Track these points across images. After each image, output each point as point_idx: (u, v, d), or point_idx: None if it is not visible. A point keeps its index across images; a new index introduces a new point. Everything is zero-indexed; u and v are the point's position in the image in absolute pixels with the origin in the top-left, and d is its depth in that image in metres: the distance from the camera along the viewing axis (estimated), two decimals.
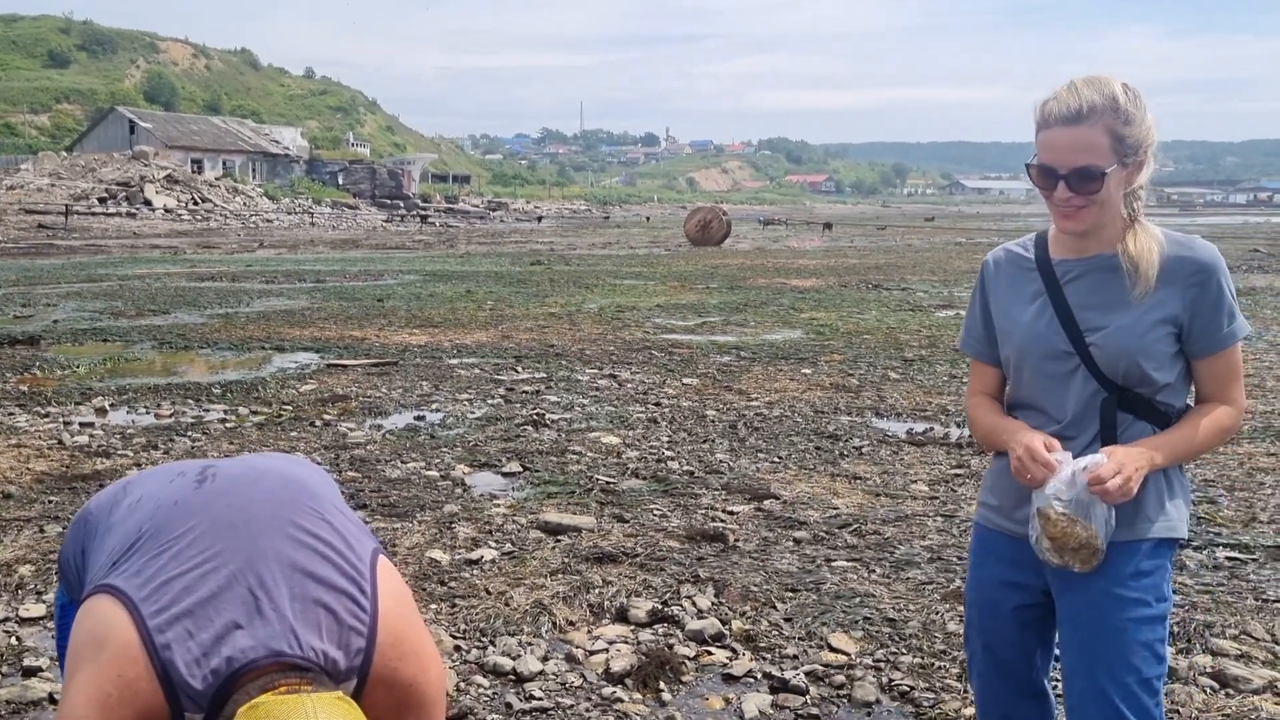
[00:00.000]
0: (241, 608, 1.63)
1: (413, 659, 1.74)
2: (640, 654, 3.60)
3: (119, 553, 1.73)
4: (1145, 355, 1.99)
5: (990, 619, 2.19)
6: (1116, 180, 1.98)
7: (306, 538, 1.75)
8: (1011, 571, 2.15)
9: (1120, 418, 2.03)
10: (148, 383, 8.89)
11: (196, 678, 1.58)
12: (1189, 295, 1.99)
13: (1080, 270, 2.06)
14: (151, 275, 19.96)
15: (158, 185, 50.70)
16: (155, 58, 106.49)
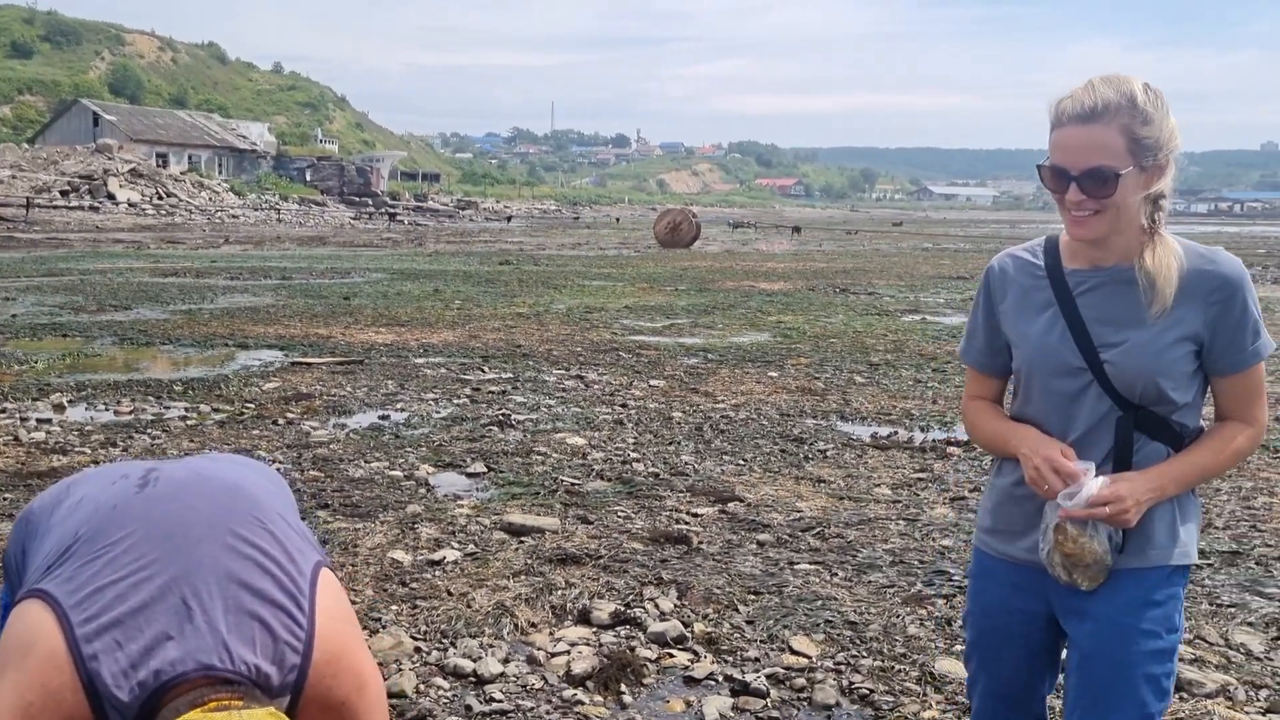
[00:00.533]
0: (173, 618, 1.58)
1: (349, 677, 1.70)
2: (602, 656, 3.59)
3: (54, 556, 1.70)
4: (1164, 374, 1.89)
5: (992, 644, 2.12)
6: (1133, 184, 1.86)
7: (246, 548, 1.70)
8: (1015, 597, 2.06)
9: (1136, 438, 1.93)
10: (108, 379, 8.77)
11: (123, 689, 1.53)
12: (1211, 313, 1.89)
13: (1095, 282, 1.95)
14: (114, 270, 19.70)
15: (121, 179, 50.06)
16: (120, 50, 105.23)
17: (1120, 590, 1.91)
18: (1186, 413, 1.94)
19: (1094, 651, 1.94)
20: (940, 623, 3.91)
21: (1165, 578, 1.93)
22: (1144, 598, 1.92)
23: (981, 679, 2.17)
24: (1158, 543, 1.93)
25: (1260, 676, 3.48)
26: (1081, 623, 1.96)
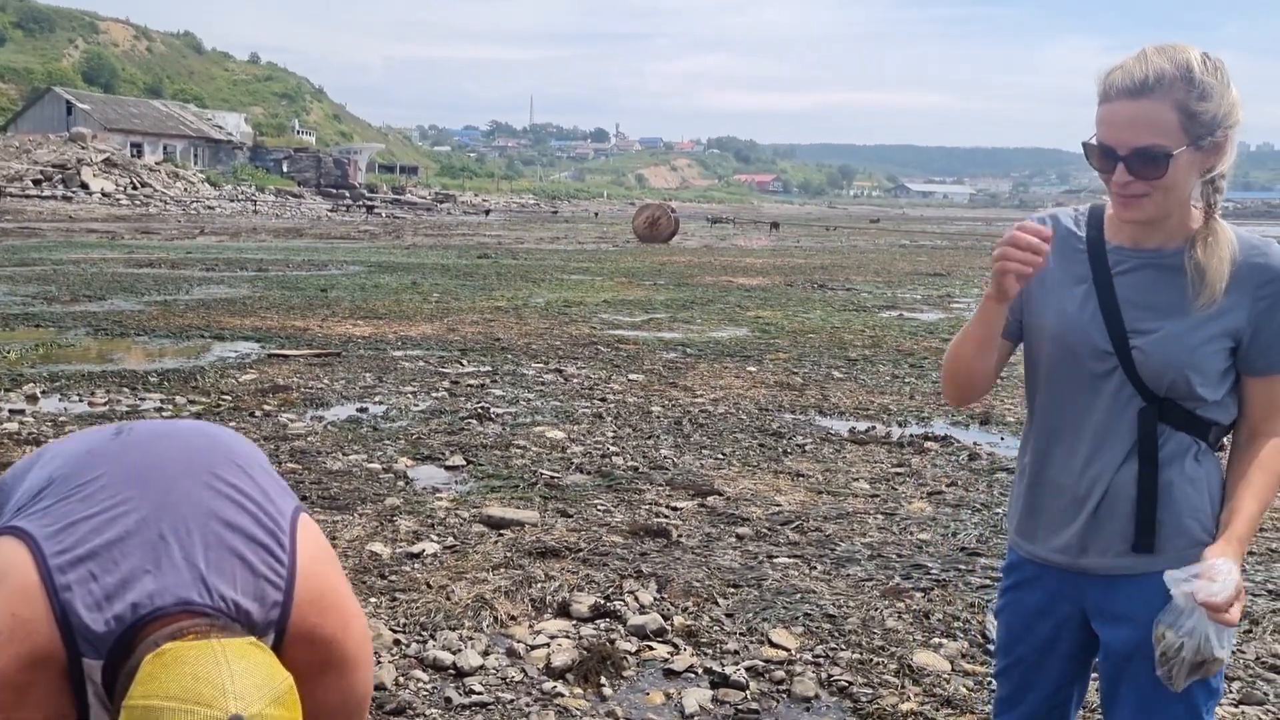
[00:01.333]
0: (150, 553, 1.56)
1: (334, 614, 1.68)
2: (581, 649, 3.60)
3: (27, 498, 1.67)
4: (1195, 369, 1.76)
5: (1021, 646, 2.01)
6: (1186, 164, 1.70)
7: (224, 487, 1.68)
8: (1046, 599, 1.96)
9: (1159, 429, 1.81)
10: (81, 370, 8.69)
11: (98, 622, 1.50)
12: (1258, 308, 1.75)
13: (1136, 263, 1.81)
14: (87, 260, 19.50)
15: (95, 169, 49.53)
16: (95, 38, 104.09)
17: (1157, 593, 1.77)
18: (1214, 409, 1.81)
19: (1136, 655, 1.84)
20: (918, 616, 3.93)
21: None
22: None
23: (1006, 674, 2.06)
24: (1195, 541, 1.81)
25: (1233, 669, 3.52)
26: (1118, 627, 1.86)
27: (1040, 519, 1.94)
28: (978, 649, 3.65)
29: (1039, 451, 1.95)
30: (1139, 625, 1.83)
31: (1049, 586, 1.95)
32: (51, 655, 1.50)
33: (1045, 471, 1.94)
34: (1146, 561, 1.84)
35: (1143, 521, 1.82)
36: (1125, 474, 1.84)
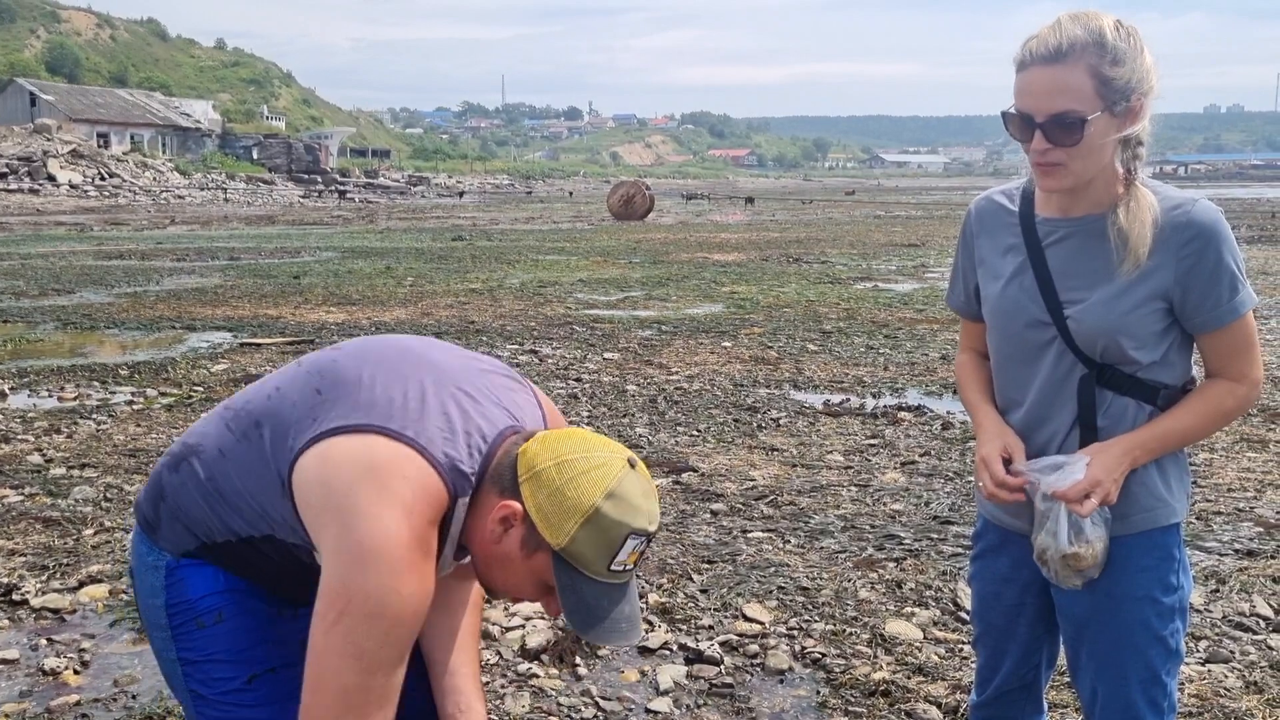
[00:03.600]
0: (463, 402, 1.66)
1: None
2: (556, 629, 3.60)
3: (304, 419, 1.63)
4: (1125, 334, 1.77)
5: (991, 611, 2.05)
6: (1102, 129, 1.71)
7: (464, 356, 1.81)
8: (1009, 565, 1.99)
9: (1100, 395, 1.82)
10: (51, 364, 8.60)
11: (467, 460, 1.59)
12: (1182, 267, 1.75)
13: (1065, 232, 1.83)
14: (56, 253, 19.27)
15: (62, 160, 48.91)
16: (57, 27, 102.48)
17: (1110, 557, 1.83)
18: (1158, 370, 1.82)
19: (1091, 620, 1.89)
20: (891, 585, 3.96)
21: (1151, 540, 1.85)
22: (1135, 563, 1.84)
23: (980, 639, 2.11)
24: (1141, 506, 1.84)
25: (1200, 628, 3.56)
26: (1076, 594, 1.88)
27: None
28: (949, 617, 3.68)
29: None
30: (1096, 592, 1.86)
31: (1013, 552, 1.98)
32: (443, 505, 1.58)
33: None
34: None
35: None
36: (1070, 442, 1.86)
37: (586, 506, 1.53)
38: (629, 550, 1.55)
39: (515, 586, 1.65)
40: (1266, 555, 4.23)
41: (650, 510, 1.58)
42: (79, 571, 4.12)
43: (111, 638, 3.61)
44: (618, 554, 1.54)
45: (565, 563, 1.56)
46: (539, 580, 1.61)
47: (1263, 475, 5.33)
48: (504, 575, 1.64)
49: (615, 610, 1.59)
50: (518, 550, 1.59)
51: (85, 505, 4.92)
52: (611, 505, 1.53)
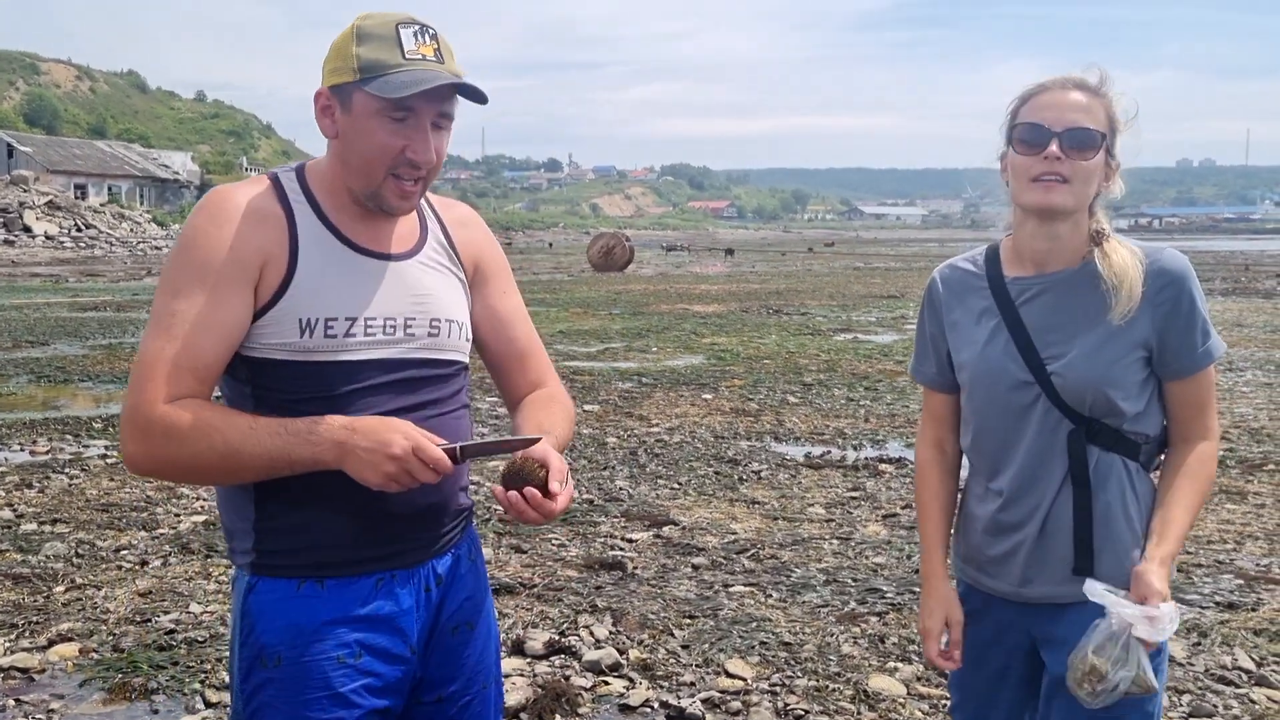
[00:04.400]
0: None
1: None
2: (536, 686, 3.55)
3: None
4: (1112, 384, 1.78)
5: (972, 677, 2.00)
6: (1100, 166, 1.78)
7: None
8: (994, 630, 1.96)
9: (1088, 451, 1.81)
10: (23, 418, 8.49)
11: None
12: (1159, 313, 1.77)
13: (1039, 288, 1.84)
14: (30, 305, 19.13)
15: (38, 211, 48.73)
16: (36, 79, 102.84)
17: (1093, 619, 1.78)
18: (1141, 421, 1.83)
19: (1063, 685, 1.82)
20: (874, 640, 3.93)
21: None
22: None
23: (960, 706, 2.06)
24: (1110, 569, 1.80)
25: (1183, 682, 3.55)
26: (1059, 651, 1.84)
27: (984, 553, 1.94)
28: (933, 672, 3.65)
29: (977, 485, 1.96)
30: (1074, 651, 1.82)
31: (997, 617, 1.95)
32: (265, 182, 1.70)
33: (985, 505, 1.94)
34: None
35: (1080, 544, 1.82)
36: (1062, 500, 1.84)
37: (349, 31, 1.63)
38: (411, 39, 1.61)
39: (375, 149, 1.62)
40: (1247, 608, 4.24)
41: (413, 14, 1.65)
42: (49, 630, 4.03)
43: (81, 698, 3.52)
44: (402, 44, 1.60)
45: (372, 77, 1.59)
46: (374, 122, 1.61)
47: (1242, 527, 5.36)
48: (360, 152, 1.63)
49: (433, 74, 1.60)
50: (345, 117, 1.63)
51: (56, 561, 4.84)
52: (369, 20, 1.63)
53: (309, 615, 1.63)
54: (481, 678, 1.82)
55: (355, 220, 1.68)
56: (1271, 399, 9.27)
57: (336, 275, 1.64)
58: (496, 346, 1.84)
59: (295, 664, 1.62)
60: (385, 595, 1.67)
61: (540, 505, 1.55)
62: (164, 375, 1.55)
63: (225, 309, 1.58)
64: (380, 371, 1.64)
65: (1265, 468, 6.64)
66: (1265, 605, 4.26)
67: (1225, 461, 6.79)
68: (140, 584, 4.56)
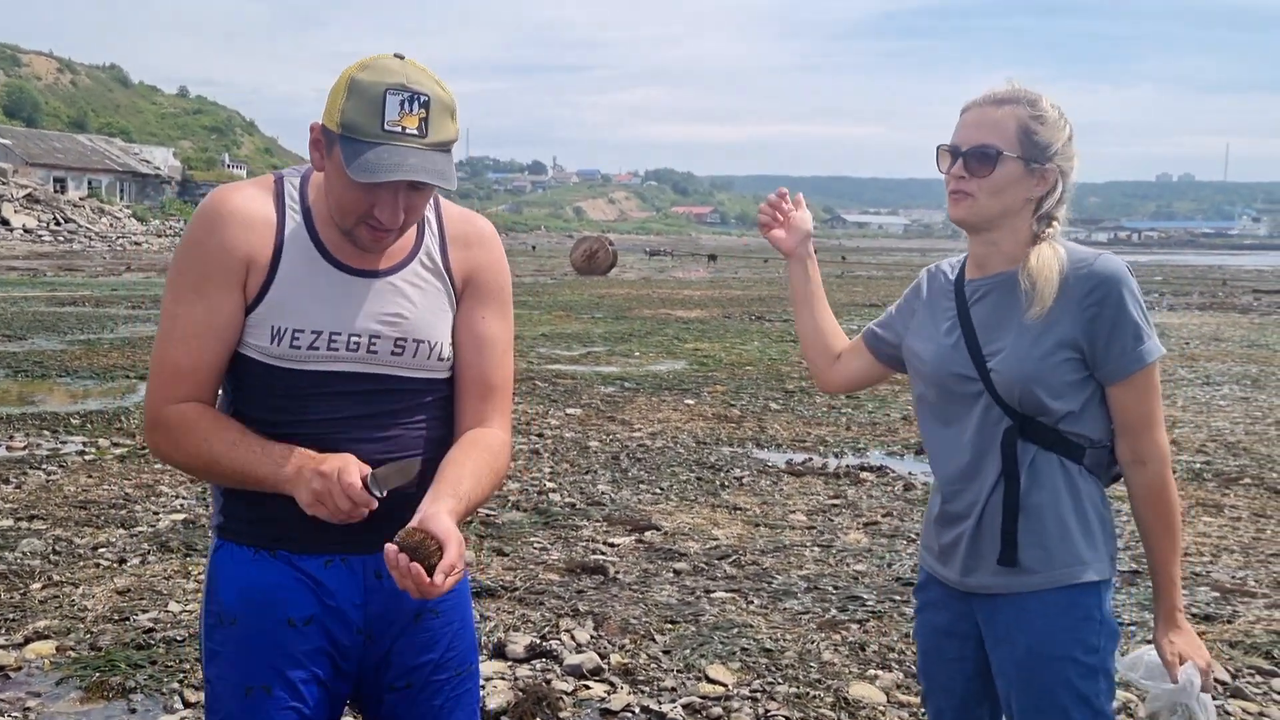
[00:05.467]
0: None
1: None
2: (517, 690, 3.55)
3: None
4: (1039, 382, 1.85)
5: (934, 667, 2.09)
6: (1014, 175, 1.87)
7: None
8: (949, 619, 2.04)
9: (1024, 448, 1.88)
10: (0, 412, 8.41)
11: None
12: (1086, 315, 1.83)
13: (985, 289, 1.95)
14: (7, 299, 18.95)
15: (16, 204, 48.32)
16: (16, 71, 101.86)
17: (1030, 615, 1.89)
18: (1076, 421, 1.88)
19: (1017, 679, 1.92)
20: (854, 647, 3.94)
21: (1072, 597, 1.88)
22: (1055, 622, 1.88)
23: (927, 696, 2.14)
24: (1058, 561, 1.88)
25: None
26: (999, 648, 1.94)
27: (936, 542, 2.04)
28: (913, 679, 3.67)
29: (935, 479, 2.06)
30: (1019, 648, 1.91)
31: (953, 607, 2.03)
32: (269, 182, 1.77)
33: (936, 496, 2.04)
34: (1018, 581, 1.91)
35: (1006, 536, 1.89)
36: (995, 498, 1.91)
37: (345, 80, 1.63)
38: (395, 108, 1.60)
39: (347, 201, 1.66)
40: (1223, 620, 4.28)
41: (410, 75, 1.62)
42: (25, 627, 4.00)
43: (58, 696, 3.50)
44: (385, 112, 1.60)
45: (349, 139, 1.61)
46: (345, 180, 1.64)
47: (1218, 540, 5.41)
48: (335, 196, 1.67)
49: (399, 159, 1.60)
50: (327, 159, 1.67)
51: (33, 559, 4.80)
52: (366, 73, 1.62)
53: (261, 580, 1.74)
54: (455, 664, 1.85)
55: (342, 234, 1.72)
56: (1248, 413, 9.36)
57: (311, 289, 1.70)
58: (460, 369, 1.83)
59: (249, 624, 1.74)
60: (333, 575, 1.75)
61: (420, 585, 1.56)
62: (168, 378, 1.71)
63: (219, 313, 1.69)
64: (339, 382, 1.72)
65: (1241, 481, 6.70)
66: (1241, 617, 4.31)
67: (1202, 475, 6.86)
68: (118, 582, 4.52)
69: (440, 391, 1.81)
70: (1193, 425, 8.73)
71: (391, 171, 1.58)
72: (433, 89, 1.63)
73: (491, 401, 1.83)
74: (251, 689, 1.72)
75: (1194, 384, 11.27)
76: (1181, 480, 6.72)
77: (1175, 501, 1.91)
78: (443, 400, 1.81)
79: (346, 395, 1.72)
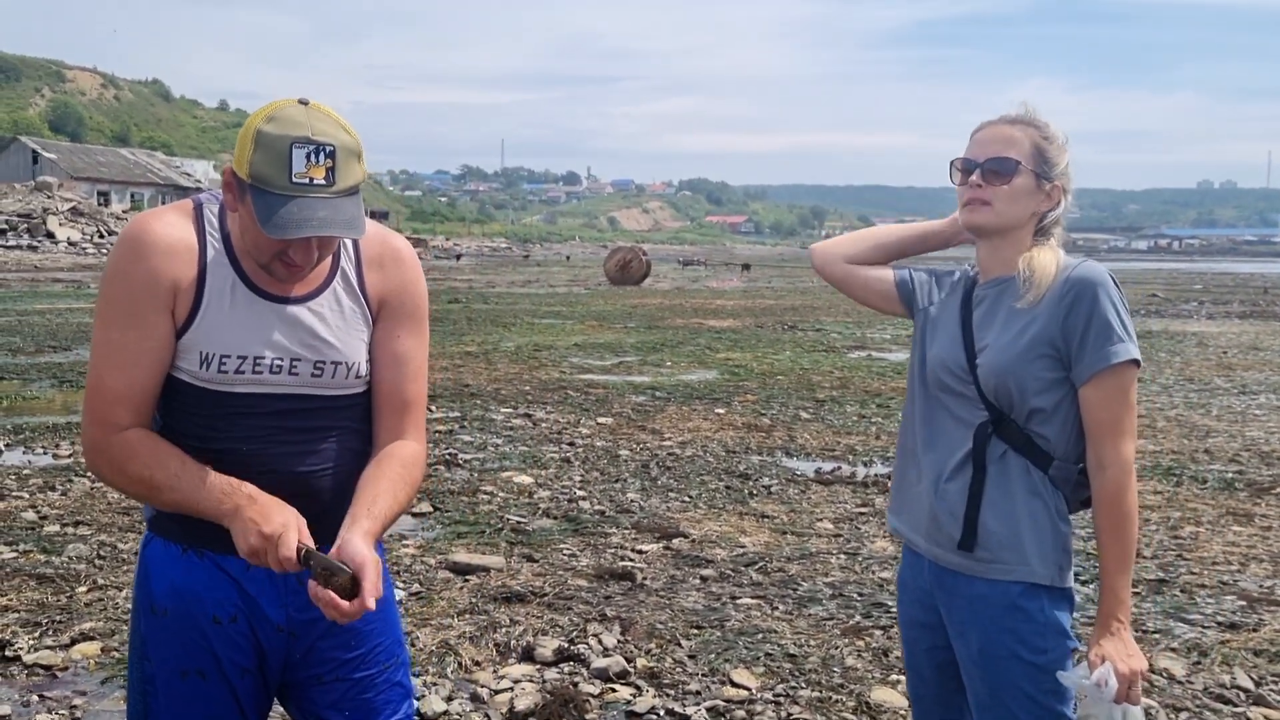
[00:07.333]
0: None
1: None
2: (545, 693, 3.63)
3: None
4: (1017, 376, 1.95)
5: (911, 658, 2.20)
6: (1027, 187, 2.00)
7: None
8: (921, 611, 2.13)
9: (995, 445, 1.97)
10: (46, 421, 8.64)
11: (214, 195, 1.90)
12: (1061, 312, 1.93)
13: (985, 293, 2.07)
14: (53, 310, 19.37)
15: (61, 217, 49.27)
16: (61, 87, 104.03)
17: (978, 612, 1.98)
18: (1046, 422, 1.96)
19: (971, 677, 2.03)
20: (877, 653, 3.99)
21: (1009, 599, 1.96)
22: (998, 621, 1.96)
23: (909, 684, 2.25)
24: (1004, 558, 1.96)
25: (1181, 700, 3.60)
26: (957, 642, 2.04)
27: (905, 505, 2.16)
28: None
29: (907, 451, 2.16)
30: (970, 646, 2.02)
31: (920, 600, 2.13)
32: (188, 207, 1.86)
33: (910, 468, 2.14)
34: (971, 565, 2.00)
35: (967, 521, 2.00)
36: (961, 477, 2.02)
37: (251, 132, 1.70)
38: (302, 161, 1.67)
39: (261, 242, 1.74)
40: (1249, 628, 4.28)
41: (314, 125, 1.68)
42: (72, 629, 4.14)
43: (103, 695, 3.62)
44: (291, 165, 1.66)
45: (259, 189, 1.69)
46: (257, 225, 1.71)
47: (1247, 549, 5.39)
48: (252, 235, 1.75)
49: (309, 213, 1.67)
50: (240, 203, 1.74)
51: (79, 563, 4.95)
52: (271, 125, 1.68)
53: (190, 579, 1.85)
54: (381, 658, 1.97)
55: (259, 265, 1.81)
56: None
57: (235, 316, 1.80)
58: (376, 385, 1.92)
59: (177, 617, 1.85)
60: (253, 579, 1.85)
61: (336, 611, 1.67)
62: (106, 404, 1.78)
63: (151, 339, 1.78)
64: (265, 402, 1.83)
65: (1274, 491, 6.66)
66: (1267, 626, 4.30)
67: (1234, 484, 6.83)
68: None
69: (358, 405, 1.92)
70: (1227, 435, 8.67)
71: (301, 228, 1.66)
72: (337, 136, 1.70)
73: (407, 416, 1.92)
74: (187, 673, 1.85)
75: (1230, 393, 11.17)
76: (1213, 490, 6.69)
77: (1131, 514, 1.94)
78: (360, 412, 1.92)
79: (272, 414, 1.82)
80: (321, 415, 1.86)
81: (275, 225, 1.67)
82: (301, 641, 1.90)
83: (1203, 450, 7.97)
